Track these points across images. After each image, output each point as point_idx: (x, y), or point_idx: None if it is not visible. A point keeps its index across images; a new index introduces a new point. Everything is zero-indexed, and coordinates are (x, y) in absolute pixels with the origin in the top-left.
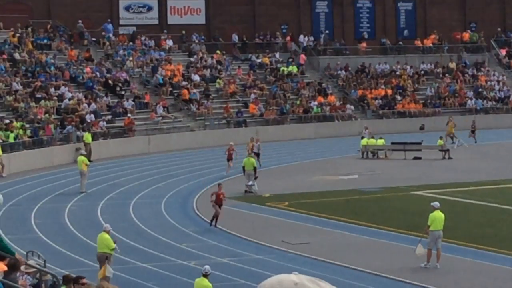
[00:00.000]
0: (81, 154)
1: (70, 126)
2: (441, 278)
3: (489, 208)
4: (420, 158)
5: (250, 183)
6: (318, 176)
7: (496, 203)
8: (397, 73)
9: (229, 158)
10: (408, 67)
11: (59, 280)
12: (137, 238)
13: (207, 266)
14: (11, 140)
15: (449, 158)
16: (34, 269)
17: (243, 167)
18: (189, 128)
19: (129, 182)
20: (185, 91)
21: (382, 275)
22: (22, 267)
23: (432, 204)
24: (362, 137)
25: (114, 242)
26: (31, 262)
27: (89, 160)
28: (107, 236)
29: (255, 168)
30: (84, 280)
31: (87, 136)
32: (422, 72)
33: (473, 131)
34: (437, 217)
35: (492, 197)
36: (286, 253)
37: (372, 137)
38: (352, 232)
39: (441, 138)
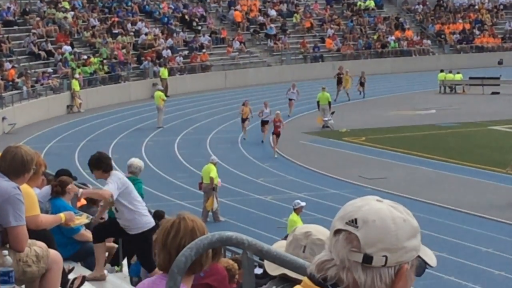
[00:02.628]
0: (158, 90)
1: (146, 62)
2: None
3: None
4: (498, 93)
5: (327, 118)
6: (395, 111)
7: None
8: (476, 7)
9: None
10: (487, 1)
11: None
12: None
13: (297, 200)
14: (86, 75)
15: None
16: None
17: (318, 102)
18: (266, 63)
19: (206, 118)
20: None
21: (460, 210)
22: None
23: None
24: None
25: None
26: None
27: (166, 96)
28: (212, 167)
29: (329, 103)
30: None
31: (164, 72)
32: (501, 6)
33: (362, 84)
34: None
35: None
36: (363, 188)
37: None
38: (429, 167)
39: None
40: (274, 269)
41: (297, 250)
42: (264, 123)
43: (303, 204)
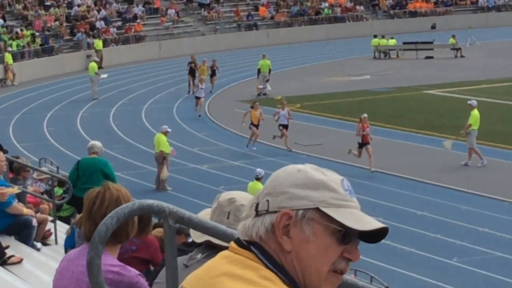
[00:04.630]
0: (93, 61)
1: (80, 34)
2: (450, 175)
3: (501, 106)
4: (432, 57)
5: (262, 85)
6: (329, 78)
7: (508, 101)
8: None
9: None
10: None
11: (71, 186)
12: (150, 143)
13: (259, 170)
14: (16, 48)
15: (461, 56)
16: (47, 176)
17: (259, 69)
18: (200, 33)
19: (141, 88)
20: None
21: (395, 174)
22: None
23: (469, 102)
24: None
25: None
26: (44, 169)
27: (100, 67)
28: (163, 137)
29: (270, 70)
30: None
31: (98, 43)
32: None
33: (213, 73)
34: (478, 116)
35: (504, 94)
36: (299, 154)
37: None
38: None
39: (453, 36)
40: (199, 237)
41: (221, 217)
42: (283, 126)
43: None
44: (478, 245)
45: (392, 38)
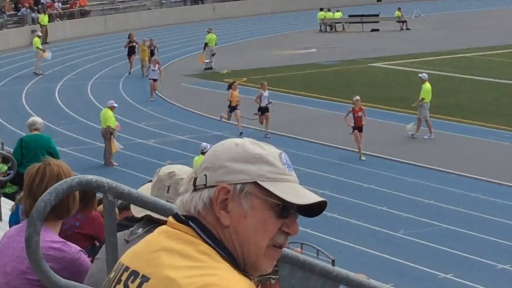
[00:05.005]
0: (37, 36)
1: (24, 9)
2: (396, 148)
3: (447, 78)
4: (377, 30)
5: (208, 60)
6: (275, 51)
7: (453, 73)
8: None
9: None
10: None
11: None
12: (96, 119)
13: (204, 144)
14: None
15: (407, 29)
16: None
17: (206, 44)
18: (146, 7)
19: (87, 63)
20: None
21: (341, 147)
22: None
23: (420, 75)
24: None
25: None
26: None
27: (45, 42)
28: (110, 112)
29: (216, 44)
30: None
31: (43, 18)
32: None
33: (152, 53)
34: (429, 89)
35: (450, 66)
36: (244, 128)
37: None
38: (311, 105)
39: (398, 9)
40: (139, 211)
41: (161, 191)
42: (263, 110)
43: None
44: (424, 217)
45: (338, 11)
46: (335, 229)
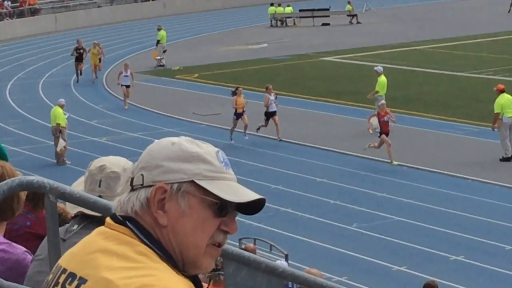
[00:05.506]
0: None
1: None
2: (348, 142)
3: (398, 71)
4: (328, 24)
5: (160, 56)
6: (227, 47)
7: (405, 66)
8: None
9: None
10: None
11: None
12: (47, 117)
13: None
14: None
15: (358, 22)
16: None
17: (158, 41)
18: (96, 5)
19: (37, 62)
20: None
21: (293, 141)
22: None
23: (375, 69)
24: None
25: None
26: None
27: None
28: (60, 110)
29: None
30: None
31: None
32: None
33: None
34: (385, 82)
35: (401, 59)
36: (197, 124)
37: None
38: (263, 100)
39: (349, 3)
40: (73, 208)
41: (93, 186)
42: (270, 115)
43: None
44: (377, 210)
45: (288, 6)
46: (288, 224)
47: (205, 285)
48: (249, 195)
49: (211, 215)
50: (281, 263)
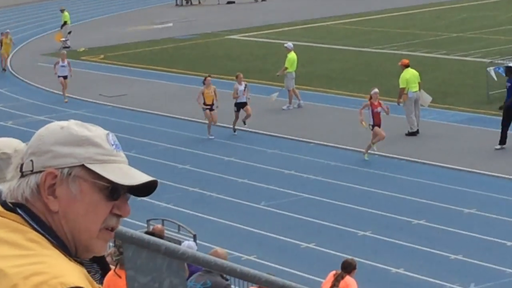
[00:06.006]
0: None
1: None
2: (256, 120)
3: (303, 47)
4: (233, 2)
5: (65, 38)
6: (132, 27)
7: (310, 42)
8: None
9: None
10: None
11: None
12: None
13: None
14: None
15: (263, 0)
16: None
17: (65, 22)
18: None
19: None
20: None
21: (198, 121)
22: None
23: (286, 45)
24: None
25: None
26: None
27: None
28: None
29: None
30: None
31: None
32: None
33: None
34: (294, 59)
35: (306, 36)
36: (103, 106)
37: None
38: (170, 80)
39: None
40: None
41: None
42: (241, 105)
43: None
44: (285, 188)
45: None
46: (196, 204)
47: (112, 267)
48: (141, 178)
49: (103, 199)
50: (189, 243)
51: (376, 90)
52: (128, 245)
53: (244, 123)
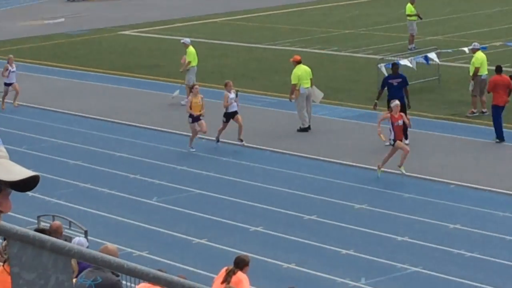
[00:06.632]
0: None
1: None
2: (151, 116)
3: (194, 44)
4: None
5: None
6: (22, 22)
7: (203, 38)
8: None
9: None
10: None
11: None
12: None
13: None
14: None
15: None
16: None
17: None
18: None
19: None
20: None
21: (92, 117)
22: None
23: (183, 41)
24: None
25: None
26: None
27: None
28: None
29: None
30: None
31: None
32: None
33: None
34: (195, 53)
35: (198, 32)
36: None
37: None
38: (61, 76)
39: None
40: None
41: None
42: (231, 115)
43: None
44: (177, 183)
45: None
46: (88, 200)
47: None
48: (22, 173)
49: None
50: (80, 239)
51: (397, 102)
52: (13, 242)
53: (241, 140)
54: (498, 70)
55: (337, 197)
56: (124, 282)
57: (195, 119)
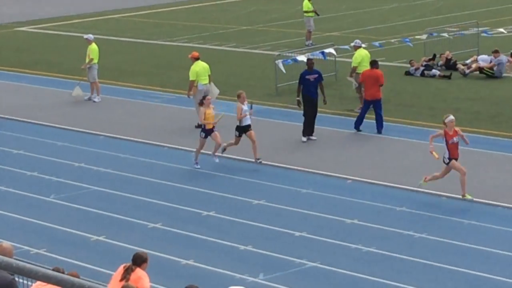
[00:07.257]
0: None
1: None
2: (52, 112)
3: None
4: None
5: None
6: None
7: (99, 35)
8: None
9: None
10: None
11: None
12: None
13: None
14: None
15: None
16: None
17: None
18: None
19: None
20: None
21: (18, 119)
22: None
23: (86, 37)
24: None
25: None
26: None
27: None
28: None
29: None
30: None
31: None
32: None
33: None
34: (97, 50)
35: (95, 28)
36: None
37: None
38: None
39: None
40: None
41: None
42: (243, 129)
43: None
44: (75, 180)
45: None
46: None
47: None
48: None
49: None
50: None
51: (452, 117)
52: None
53: (258, 159)
54: (372, 64)
55: (236, 193)
56: (21, 280)
57: (208, 133)
